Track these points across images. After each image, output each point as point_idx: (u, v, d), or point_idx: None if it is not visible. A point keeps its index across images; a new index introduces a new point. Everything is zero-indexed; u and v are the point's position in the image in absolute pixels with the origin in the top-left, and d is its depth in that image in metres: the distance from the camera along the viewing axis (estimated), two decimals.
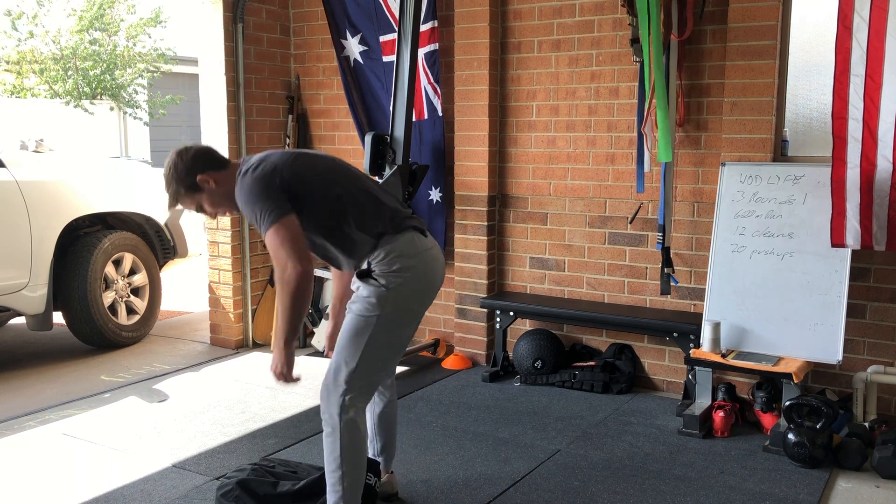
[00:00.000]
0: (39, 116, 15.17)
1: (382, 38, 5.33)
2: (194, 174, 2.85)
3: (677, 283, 4.58)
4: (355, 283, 2.90)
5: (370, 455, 3.24)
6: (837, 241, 3.80)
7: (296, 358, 2.83)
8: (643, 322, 4.60)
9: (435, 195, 5.30)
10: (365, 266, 2.85)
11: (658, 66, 4.07)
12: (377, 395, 3.22)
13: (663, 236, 4.45)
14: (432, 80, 5.15)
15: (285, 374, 2.80)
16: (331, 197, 2.82)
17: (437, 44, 5.11)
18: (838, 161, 3.71)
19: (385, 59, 5.34)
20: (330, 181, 2.85)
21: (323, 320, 5.39)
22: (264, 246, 5.82)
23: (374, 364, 2.85)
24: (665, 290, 4.52)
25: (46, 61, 16.11)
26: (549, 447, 3.90)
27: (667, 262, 4.47)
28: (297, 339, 2.86)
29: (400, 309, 2.83)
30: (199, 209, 2.94)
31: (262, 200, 2.71)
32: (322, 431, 2.85)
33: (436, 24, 5.09)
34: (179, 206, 2.97)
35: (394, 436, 3.31)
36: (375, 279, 2.80)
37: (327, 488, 2.87)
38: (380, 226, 2.83)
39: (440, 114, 5.19)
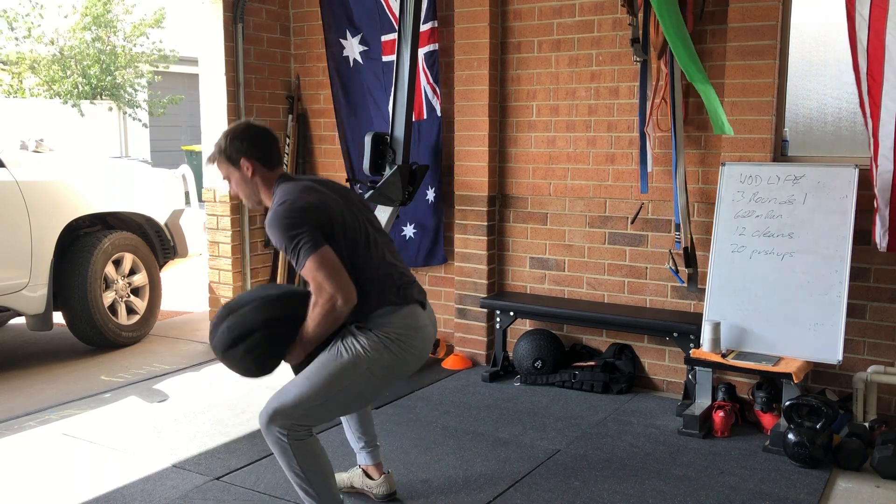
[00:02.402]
0: (39, 116, 15.17)
1: (384, 38, 5.33)
2: (241, 154, 2.88)
3: (683, 282, 4.58)
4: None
5: (352, 444, 3.32)
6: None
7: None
8: (643, 322, 4.60)
9: (431, 195, 5.31)
10: (363, 323, 2.85)
11: (683, 54, 3.95)
12: None
13: (682, 236, 4.43)
14: (431, 81, 5.15)
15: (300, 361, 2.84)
16: (356, 247, 2.83)
17: (436, 44, 5.11)
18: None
19: (385, 58, 5.34)
20: (355, 233, 2.85)
21: None
22: (265, 245, 5.89)
23: (336, 409, 2.85)
24: (693, 288, 4.50)
25: (44, 60, 16.09)
26: (549, 447, 3.90)
27: (687, 262, 4.43)
28: None
29: (387, 368, 2.84)
30: (227, 179, 2.97)
31: (296, 231, 2.71)
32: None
33: (436, 25, 5.10)
34: (213, 165, 2.97)
35: (370, 420, 3.31)
36: (376, 336, 2.81)
37: (302, 499, 2.89)
38: (388, 292, 2.85)
39: (438, 114, 5.19)
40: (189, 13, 6.63)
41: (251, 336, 2.76)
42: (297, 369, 2.89)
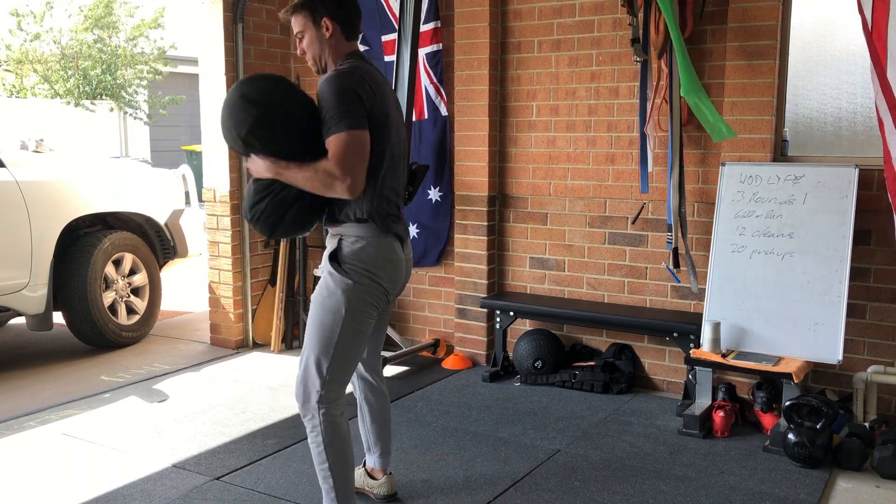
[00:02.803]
0: (39, 116, 15.17)
1: (384, 38, 5.33)
2: (326, 13, 2.82)
3: (679, 282, 4.58)
4: (322, 268, 2.89)
5: (364, 444, 3.33)
6: None
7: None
8: (643, 322, 4.60)
9: (434, 195, 5.30)
10: (337, 245, 2.82)
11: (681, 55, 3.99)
12: (368, 390, 3.26)
13: (673, 237, 4.43)
14: (435, 81, 5.15)
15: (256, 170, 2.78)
16: (381, 159, 2.80)
17: (440, 44, 5.11)
18: None
19: (386, 58, 5.35)
20: (390, 149, 2.83)
21: None
22: (265, 246, 5.87)
23: (352, 357, 2.88)
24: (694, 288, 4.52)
25: (49, 61, 16.09)
26: (549, 447, 3.90)
27: (675, 263, 4.46)
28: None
29: (362, 300, 2.84)
30: (300, 35, 2.89)
31: (349, 99, 2.66)
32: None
33: (438, 25, 5.10)
34: (288, 14, 2.90)
35: (387, 428, 3.32)
36: (346, 271, 2.80)
37: (320, 484, 2.92)
38: (377, 215, 2.82)
39: (444, 114, 5.19)
40: (189, 13, 6.63)
41: (272, 110, 2.69)
42: (252, 182, 2.82)
